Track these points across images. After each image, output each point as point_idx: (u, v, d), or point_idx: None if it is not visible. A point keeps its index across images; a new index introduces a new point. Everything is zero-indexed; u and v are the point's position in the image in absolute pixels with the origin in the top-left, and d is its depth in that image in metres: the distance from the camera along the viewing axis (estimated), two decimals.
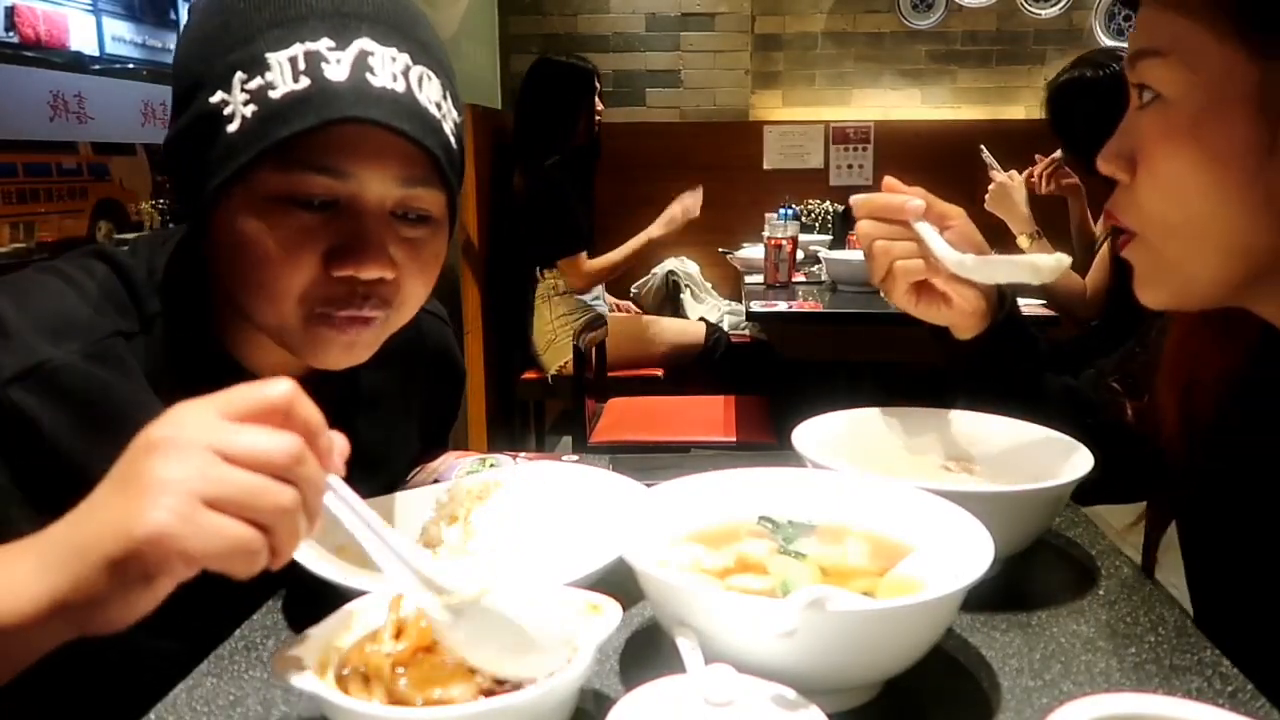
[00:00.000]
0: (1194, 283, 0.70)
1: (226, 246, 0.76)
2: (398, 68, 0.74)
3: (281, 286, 0.75)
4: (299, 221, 0.74)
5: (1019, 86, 4.53)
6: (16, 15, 1.47)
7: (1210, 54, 0.63)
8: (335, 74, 0.71)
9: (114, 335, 0.77)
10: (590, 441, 2.72)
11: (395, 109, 0.73)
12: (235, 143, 0.72)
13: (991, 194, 2.64)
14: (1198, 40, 0.64)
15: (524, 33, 4.52)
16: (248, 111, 0.72)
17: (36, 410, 0.72)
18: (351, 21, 0.73)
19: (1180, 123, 0.66)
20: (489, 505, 0.90)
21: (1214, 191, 0.65)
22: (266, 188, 0.73)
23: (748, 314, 2.82)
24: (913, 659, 0.61)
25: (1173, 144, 0.66)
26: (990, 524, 0.66)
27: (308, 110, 0.70)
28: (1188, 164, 0.66)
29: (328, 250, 0.75)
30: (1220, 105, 0.64)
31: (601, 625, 0.58)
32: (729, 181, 4.42)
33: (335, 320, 0.78)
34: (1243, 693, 0.64)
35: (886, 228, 0.89)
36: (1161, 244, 0.70)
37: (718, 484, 0.78)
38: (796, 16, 4.56)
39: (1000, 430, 0.92)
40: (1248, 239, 0.66)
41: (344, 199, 0.75)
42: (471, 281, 3.26)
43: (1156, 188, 0.68)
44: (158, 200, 1.81)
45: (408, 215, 0.79)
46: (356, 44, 0.73)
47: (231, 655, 0.70)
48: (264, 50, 0.72)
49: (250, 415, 0.53)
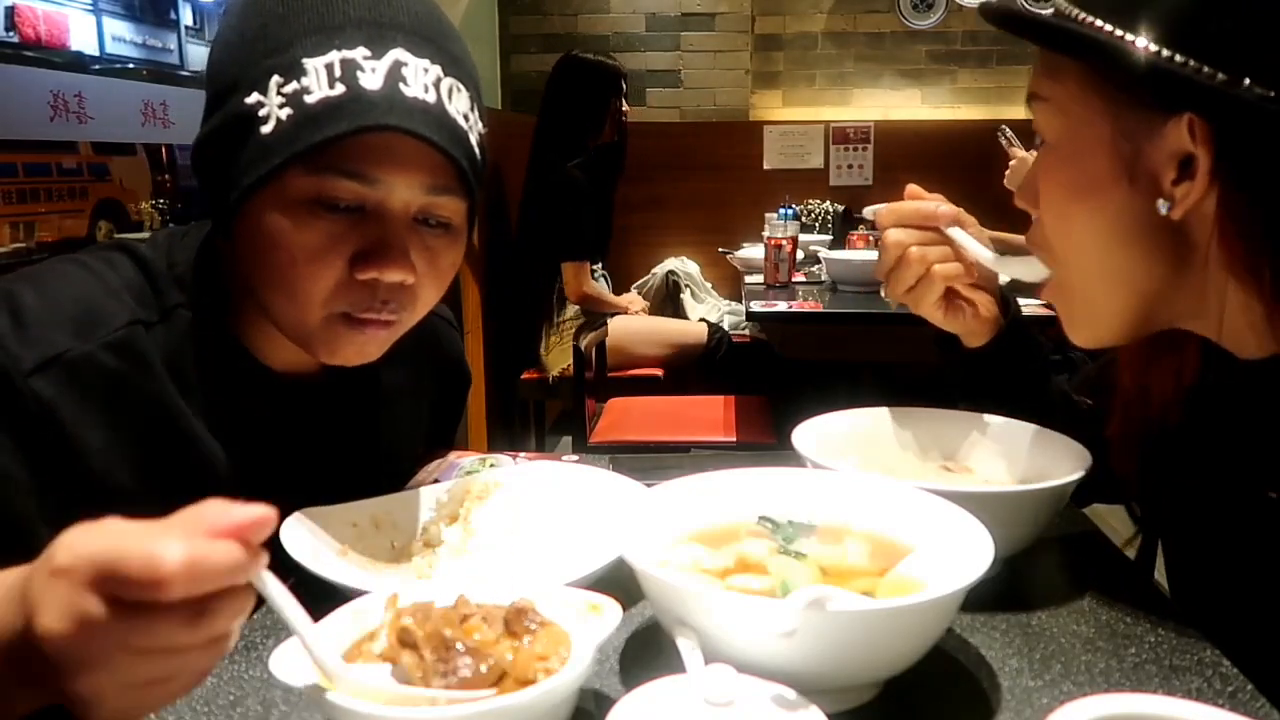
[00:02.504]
0: (1104, 318, 0.75)
1: (253, 244, 0.78)
2: (429, 79, 0.75)
3: (306, 287, 0.77)
4: (326, 224, 0.76)
5: (1019, 86, 4.53)
6: (16, 15, 1.47)
7: (1076, 101, 0.71)
8: (370, 82, 0.73)
9: (133, 324, 0.79)
10: (590, 441, 2.72)
11: (426, 119, 0.74)
12: (269, 144, 0.73)
13: (1012, 170, 2.67)
14: (1068, 89, 0.71)
15: (524, 33, 4.52)
16: (283, 114, 0.73)
17: (56, 401, 0.73)
18: (387, 32, 0.75)
19: (1056, 162, 0.74)
20: (489, 505, 0.90)
21: (1089, 225, 0.72)
22: (296, 190, 0.74)
23: (748, 314, 2.82)
24: (913, 659, 0.61)
25: (1052, 181, 0.74)
26: (990, 524, 0.66)
27: (342, 116, 0.72)
28: (1064, 199, 0.73)
29: (353, 254, 0.77)
30: (1084, 146, 0.71)
31: (601, 625, 0.58)
32: (729, 181, 4.43)
33: (354, 321, 0.79)
34: (1242, 693, 0.64)
35: (919, 234, 0.90)
36: (1070, 282, 0.76)
37: (718, 484, 0.78)
38: (796, 16, 4.56)
39: (1000, 430, 0.92)
40: (1131, 271, 0.72)
41: (371, 204, 0.77)
42: (471, 281, 3.26)
43: (1050, 223, 0.75)
44: (158, 200, 1.81)
45: (429, 221, 0.80)
46: (391, 54, 0.74)
47: (231, 655, 0.70)
48: (301, 55, 0.73)
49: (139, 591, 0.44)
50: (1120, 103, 0.68)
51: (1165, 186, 0.67)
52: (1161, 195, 0.67)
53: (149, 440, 0.78)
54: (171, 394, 0.80)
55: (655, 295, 4.24)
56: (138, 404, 0.78)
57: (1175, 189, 0.66)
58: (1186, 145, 0.65)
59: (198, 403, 0.81)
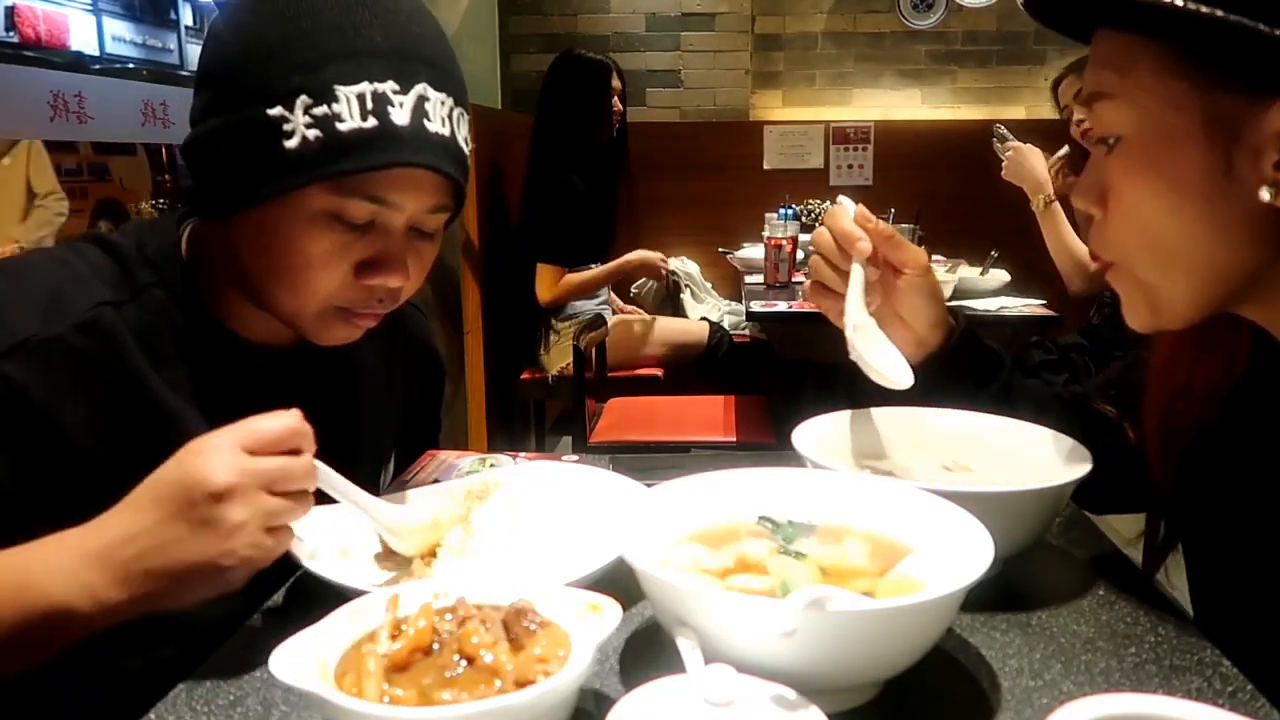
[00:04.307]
0: (1173, 305, 0.72)
1: (259, 240, 0.83)
2: (444, 111, 0.82)
3: (312, 288, 0.83)
4: (339, 237, 0.81)
5: (1019, 86, 4.53)
6: (16, 15, 1.47)
7: (1154, 90, 0.67)
8: (399, 118, 0.78)
9: (101, 305, 0.81)
10: (590, 441, 2.72)
11: (445, 154, 0.82)
12: (293, 161, 0.77)
13: (1009, 161, 2.68)
14: (1141, 80, 0.67)
15: (524, 33, 4.52)
16: (310, 134, 0.77)
17: (26, 382, 0.76)
18: (412, 65, 0.80)
19: (1137, 157, 0.69)
20: (489, 505, 0.90)
21: (1176, 220, 0.68)
22: (316, 204, 0.79)
23: (748, 314, 2.82)
24: (913, 659, 0.61)
25: (1132, 178, 0.70)
26: (990, 524, 0.66)
27: (373, 149, 0.78)
28: (1148, 195, 0.69)
29: (359, 263, 0.83)
30: (1171, 137, 0.67)
31: (601, 625, 0.58)
32: (729, 181, 4.43)
33: (350, 314, 0.86)
34: (1242, 693, 0.64)
35: (836, 251, 0.91)
36: (1137, 271, 0.73)
37: (718, 484, 0.78)
38: (796, 16, 4.56)
39: (1000, 430, 0.92)
40: (1217, 260, 0.69)
41: (380, 221, 0.83)
42: (471, 281, 3.26)
43: (1124, 221, 0.71)
44: (158, 200, 1.81)
45: (421, 230, 0.87)
46: (417, 89, 0.80)
47: (231, 655, 0.70)
48: (332, 81, 0.77)
49: (272, 445, 0.69)
50: (1212, 87, 0.64)
51: (1267, 172, 0.63)
52: (1264, 182, 0.63)
53: (124, 415, 0.81)
54: (144, 369, 0.83)
55: (655, 295, 4.25)
56: (110, 381, 0.81)
57: (1277, 173, 0.63)
58: None
59: (172, 375, 0.85)
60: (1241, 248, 0.68)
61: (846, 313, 0.89)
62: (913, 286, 0.91)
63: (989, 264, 2.97)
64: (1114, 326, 2.63)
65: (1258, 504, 0.77)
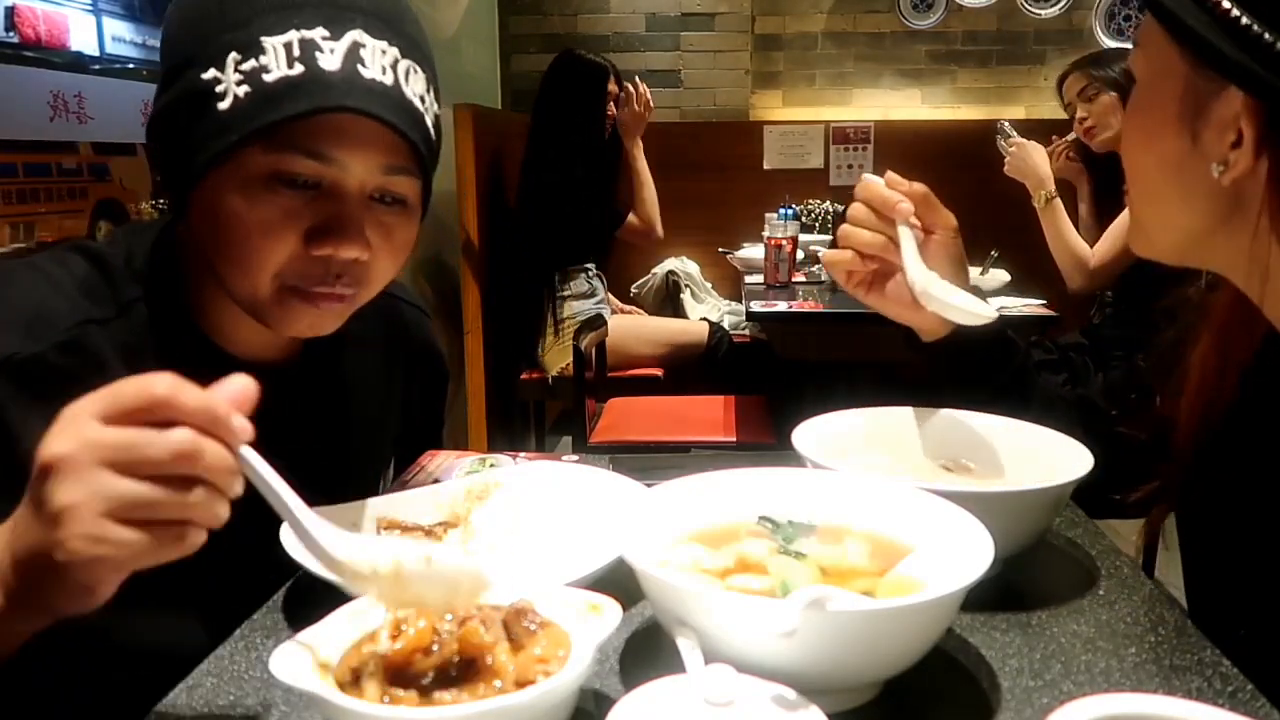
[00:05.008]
0: (1151, 231, 0.79)
1: (209, 220, 0.79)
2: (387, 60, 0.77)
3: (260, 260, 0.78)
4: (283, 200, 0.77)
5: (1019, 86, 4.53)
6: (16, 15, 1.47)
7: (1155, 52, 0.73)
8: (328, 63, 0.74)
9: (85, 324, 0.79)
10: (590, 441, 2.72)
11: (384, 101, 0.76)
12: (226, 121, 0.74)
13: (1011, 157, 2.72)
14: (1152, 36, 0.73)
15: (524, 33, 4.52)
16: (240, 91, 0.74)
17: (5, 403, 0.73)
18: (346, 13, 0.76)
19: (1135, 101, 0.78)
20: (489, 505, 0.90)
21: (1151, 165, 0.75)
22: (253, 166, 0.75)
23: (748, 314, 2.82)
24: (913, 659, 0.61)
25: (1129, 117, 0.79)
26: (990, 524, 0.66)
27: (300, 96, 0.73)
28: (1133, 133, 0.78)
29: (308, 229, 0.78)
30: (1160, 96, 0.73)
31: (601, 625, 0.58)
32: (729, 181, 4.42)
33: (306, 295, 0.80)
34: (1242, 693, 0.64)
35: (874, 219, 0.91)
36: (1132, 194, 0.80)
37: (718, 484, 0.78)
38: (796, 16, 4.56)
39: (1000, 430, 0.92)
40: (1187, 218, 0.74)
41: (327, 182, 0.78)
42: (471, 281, 3.26)
43: (1123, 147, 0.79)
44: (158, 200, 1.81)
45: (384, 199, 0.82)
46: (350, 35, 0.75)
47: (231, 655, 0.70)
48: (260, 34, 0.74)
49: (134, 414, 0.53)
50: (1195, 62, 0.68)
51: (1222, 150, 0.67)
52: (1217, 159, 0.68)
53: None
54: None
55: (655, 295, 4.24)
56: None
57: (1231, 153, 0.67)
58: (1238, 114, 0.65)
59: None
60: (1201, 210, 0.72)
61: (909, 271, 0.89)
62: (943, 248, 0.93)
63: (989, 264, 2.97)
64: (1114, 326, 2.66)
65: (1260, 504, 0.77)
